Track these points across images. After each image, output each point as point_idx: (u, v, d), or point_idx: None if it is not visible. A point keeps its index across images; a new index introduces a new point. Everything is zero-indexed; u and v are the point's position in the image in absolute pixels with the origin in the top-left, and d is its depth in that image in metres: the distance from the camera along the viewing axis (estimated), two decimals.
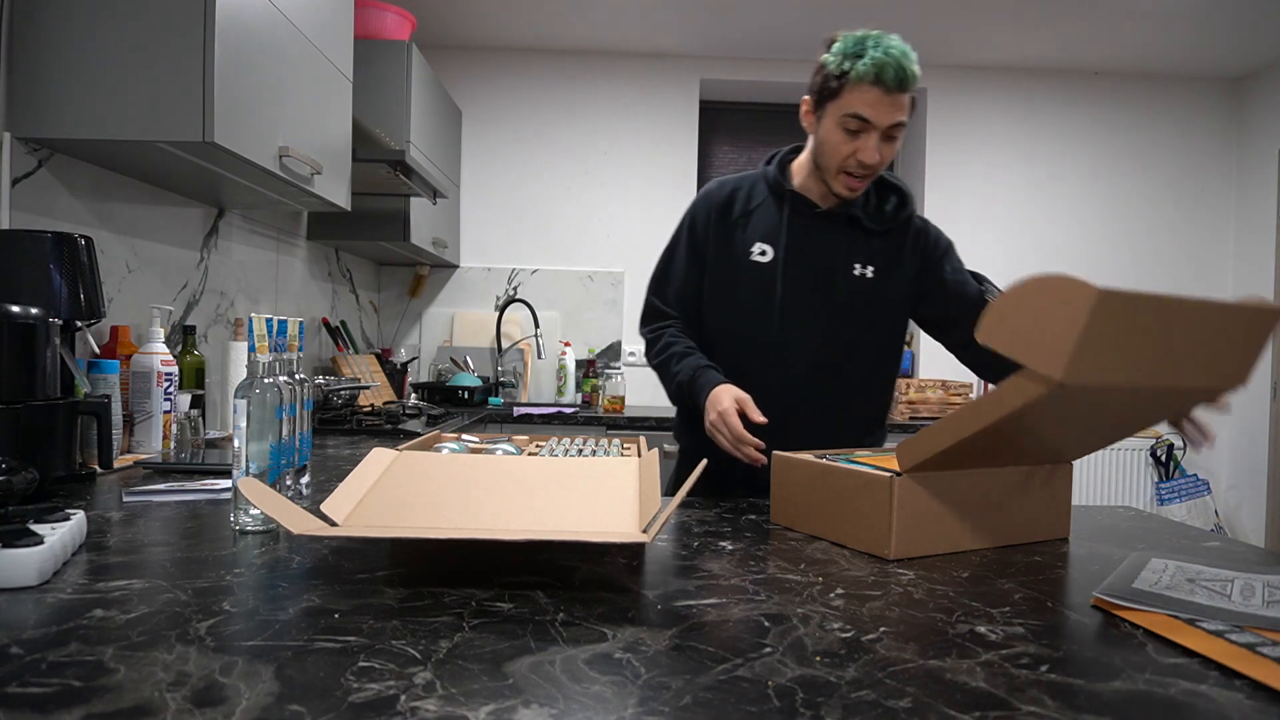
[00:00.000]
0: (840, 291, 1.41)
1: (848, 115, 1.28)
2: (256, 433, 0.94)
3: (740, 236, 1.44)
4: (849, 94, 1.28)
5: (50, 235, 1.35)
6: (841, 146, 1.31)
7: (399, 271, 3.67)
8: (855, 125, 1.29)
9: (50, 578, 0.74)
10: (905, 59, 1.26)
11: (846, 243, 1.42)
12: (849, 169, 1.33)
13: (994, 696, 0.54)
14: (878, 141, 1.29)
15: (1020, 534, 1.01)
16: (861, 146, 1.30)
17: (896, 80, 1.25)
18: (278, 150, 1.71)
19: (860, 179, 1.34)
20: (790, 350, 1.42)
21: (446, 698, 0.51)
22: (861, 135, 1.29)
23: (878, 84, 1.25)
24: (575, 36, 3.53)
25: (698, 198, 1.51)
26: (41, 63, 1.45)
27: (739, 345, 1.45)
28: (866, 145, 1.29)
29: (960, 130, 3.75)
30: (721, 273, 1.45)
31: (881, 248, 1.43)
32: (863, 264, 1.42)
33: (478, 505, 0.89)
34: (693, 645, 0.62)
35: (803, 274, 1.41)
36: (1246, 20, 3.18)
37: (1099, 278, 3.63)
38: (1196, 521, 3.53)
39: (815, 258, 1.42)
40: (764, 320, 1.42)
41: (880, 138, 1.29)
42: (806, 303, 1.41)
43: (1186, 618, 0.69)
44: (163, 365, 1.56)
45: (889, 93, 1.26)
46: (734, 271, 1.44)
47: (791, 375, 1.43)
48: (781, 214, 1.43)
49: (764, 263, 1.42)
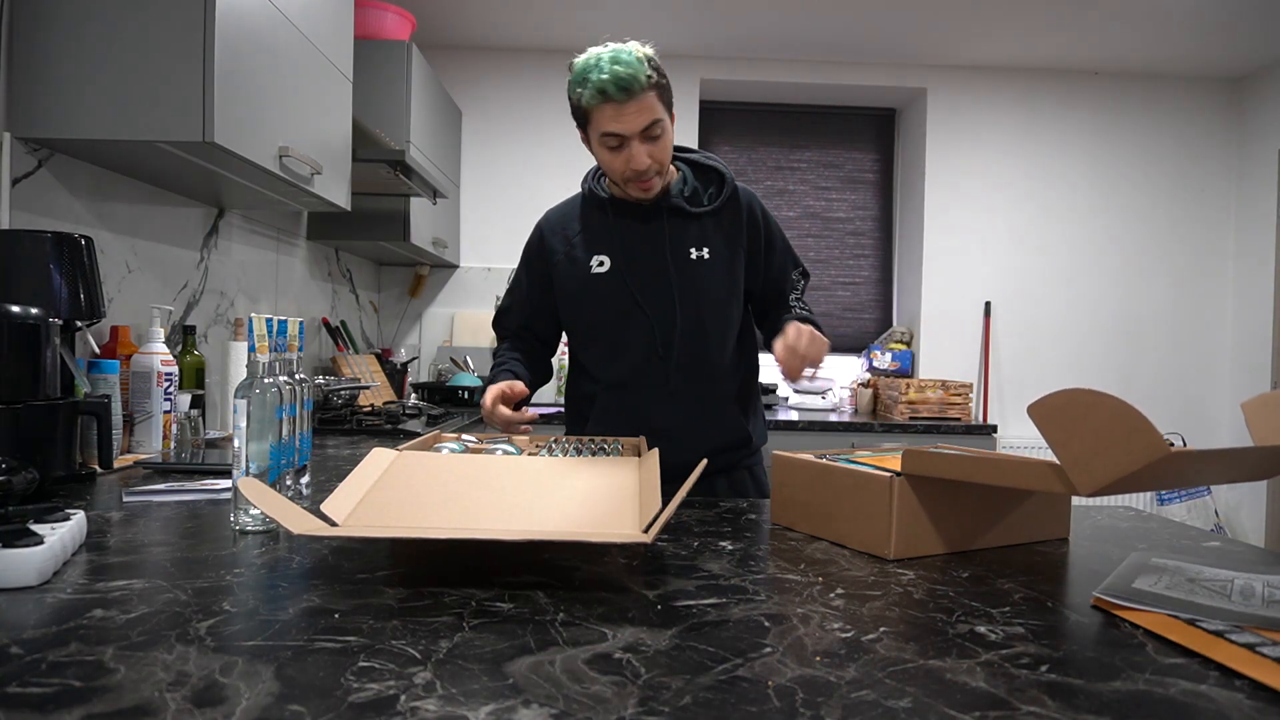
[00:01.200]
0: (682, 279, 1.43)
1: (602, 135, 1.34)
2: (256, 433, 0.94)
3: (579, 255, 1.48)
4: (594, 117, 1.33)
5: (50, 235, 1.35)
6: (613, 162, 1.36)
7: (399, 271, 3.67)
8: (613, 141, 1.34)
9: (50, 578, 0.74)
10: (623, 66, 1.28)
11: (675, 231, 1.45)
12: (629, 178, 1.37)
13: (994, 697, 0.54)
14: (639, 146, 1.33)
15: (1020, 534, 1.01)
16: (628, 156, 1.34)
17: (622, 90, 1.28)
18: (278, 150, 1.71)
19: (646, 180, 1.38)
20: (654, 349, 1.44)
21: (446, 698, 0.51)
22: (622, 148, 1.34)
23: (608, 101, 1.29)
24: (575, 36, 3.53)
25: (532, 233, 1.56)
26: (41, 63, 1.45)
27: (608, 358, 1.48)
28: (632, 154, 1.33)
29: (960, 130, 3.75)
30: (569, 293, 1.49)
31: (713, 227, 1.47)
32: (697, 248, 1.45)
33: (478, 505, 0.89)
34: (693, 645, 0.62)
35: (642, 272, 1.45)
36: (1247, 20, 3.19)
37: (1100, 277, 3.62)
38: (1196, 522, 3.53)
39: (650, 254, 1.45)
40: (622, 328, 1.45)
41: (641, 141, 1.33)
42: (654, 299, 1.43)
43: (1186, 618, 0.69)
44: (163, 365, 1.56)
45: (622, 104, 1.29)
46: (581, 290, 1.47)
47: (662, 373, 1.45)
48: (608, 222, 1.47)
49: (604, 273, 1.45)
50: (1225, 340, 3.82)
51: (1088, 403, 0.72)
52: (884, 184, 4.02)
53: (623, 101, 1.29)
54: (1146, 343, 3.80)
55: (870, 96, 3.89)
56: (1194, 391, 3.80)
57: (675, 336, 1.43)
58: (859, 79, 3.73)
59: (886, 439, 3.05)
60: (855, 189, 4.00)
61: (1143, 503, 3.63)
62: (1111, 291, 3.80)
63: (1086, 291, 3.79)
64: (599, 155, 1.38)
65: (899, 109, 4.01)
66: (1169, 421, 3.76)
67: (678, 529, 1.03)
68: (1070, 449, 0.74)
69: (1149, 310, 3.81)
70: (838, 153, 4.00)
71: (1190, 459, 0.73)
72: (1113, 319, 3.80)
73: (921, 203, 3.77)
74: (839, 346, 3.89)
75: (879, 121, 4.03)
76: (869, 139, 4.02)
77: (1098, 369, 3.78)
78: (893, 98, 3.91)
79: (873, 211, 4.01)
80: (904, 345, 3.74)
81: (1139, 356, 3.80)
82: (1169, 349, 3.81)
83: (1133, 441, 0.69)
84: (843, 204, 4.00)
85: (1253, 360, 3.66)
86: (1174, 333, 3.81)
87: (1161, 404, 3.77)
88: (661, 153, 1.36)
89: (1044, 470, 0.79)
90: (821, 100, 3.95)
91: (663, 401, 1.45)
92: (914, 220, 3.84)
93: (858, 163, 4.01)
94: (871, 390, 3.53)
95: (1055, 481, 0.78)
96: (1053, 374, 3.76)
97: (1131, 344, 3.80)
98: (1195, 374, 3.81)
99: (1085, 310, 3.79)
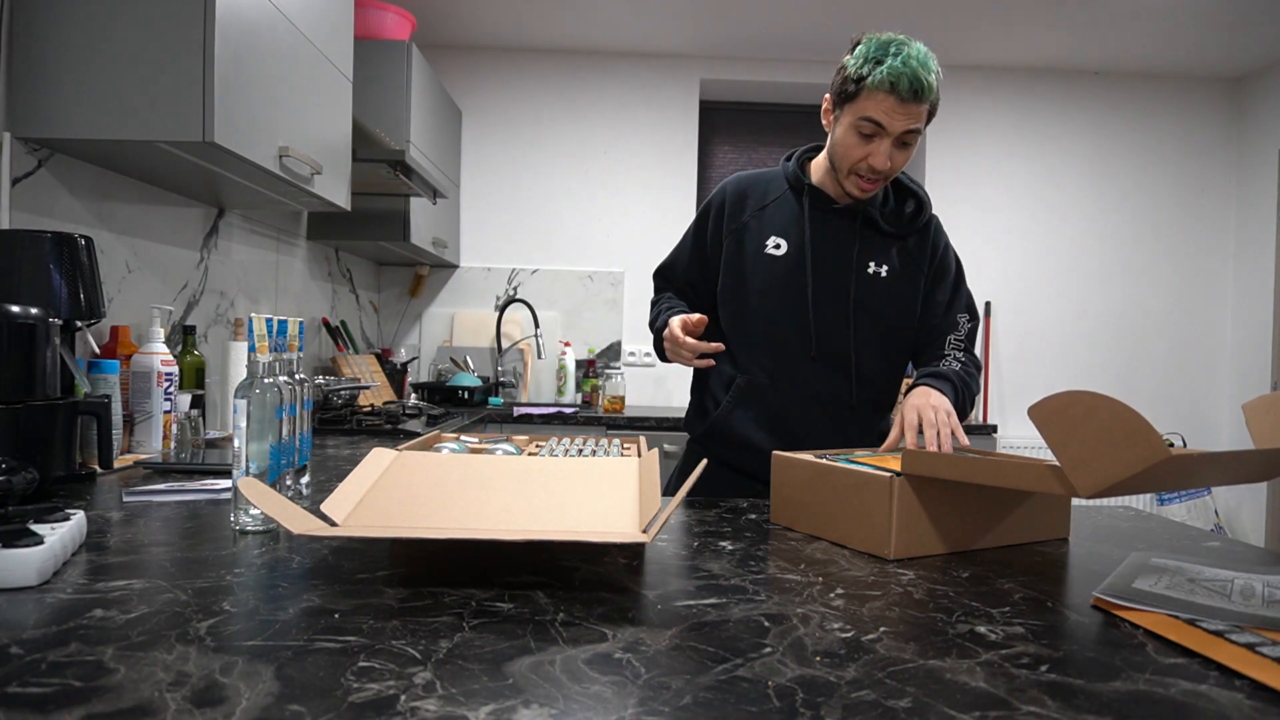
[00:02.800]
0: (853, 288, 1.41)
1: (862, 119, 1.30)
2: (256, 433, 0.94)
3: (756, 230, 1.46)
4: (865, 99, 1.29)
5: (50, 235, 1.35)
6: (855, 149, 1.33)
7: (399, 271, 3.67)
8: (869, 129, 1.30)
9: (50, 578, 0.74)
10: (923, 69, 1.26)
11: (862, 241, 1.43)
12: (860, 171, 1.34)
13: (994, 696, 0.54)
14: (890, 147, 1.31)
15: (1020, 534, 1.01)
16: (874, 151, 1.31)
17: (912, 91, 1.26)
18: (278, 150, 1.71)
19: (871, 182, 1.35)
20: (801, 343, 1.43)
21: (446, 698, 0.51)
22: (874, 140, 1.31)
23: (893, 93, 1.26)
24: (575, 36, 3.53)
25: (715, 191, 1.52)
26: (41, 62, 1.44)
27: (752, 337, 1.45)
28: (878, 150, 1.31)
29: (961, 130, 3.75)
30: (736, 265, 1.46)
31: (898, 250, 1.44)
32: (877, 263, 1.43)
33: (478, 505, 0.89)
34: (693, 645, 0.62)
35: (817, 268, 1.42)
36: (1247, 20, 3.18)
37: (1100, 277, 3.60)
38: (1196, 521, 3.53)
39: (831, 253, 1.42)
40: (777, 313, 1.43)
41: (893, 144, 1.31)
42: (820, 297, 1.41)
43: (1187, 618, 0.69)
44: (163, 365, 1.56)
45: (903, 102, 1.27)
46: (749, 264, 1.45)
47: (801, 368, 1.43)
48: (799, 208, 1.45)
49: (778, 255, 1.43)
50: (1225, 340, 3.82)
51: (1088, 405, 0.72)
52: None
53: (906, 101, 1.26)
54: (1147, 342, 3.80)
55: None
56: (1194, 392, 3.80)
57: (825, 337, 1.41)
58: None
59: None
60: None
61: (1143, 503, 3.62)
62: (1112, 291, 3.80)
63: (1087, 291, 3.79)
64: (844, 136, 1.34)
65: None
66: (1169, 422, 3.76)
67: (678, 529, 1.03)
68: (1070, 451, 0.74)
69: (1149, 310, 3.80)
70: None
71: (1190, 462, 0.73)
72: (1113, 318, 3.80)
73: None
74: None
75: None
76: None
77: (1098, 368, 3.78)
78: None
79: None
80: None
81: (1139, 356, 3.80)
82: (1169, 349, 3.81)
83: (1133, 444, 0.69)
84: None
85: (1253, 360, 3.66)
86: (1174, 332, 3.81)
87: (1161, 404, 3.77)
88: (902, 162, 1.35)
89: (1044, 472, 0.79)
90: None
91: (791, 390, 1.43)
92: None
93: None
94: None
95: (1055, 483, 0.78)
96: (1053, 374, 3.76)
97: (1132, 344, 3.80)
98: (1195, 374, 3.81)
99: (1085, 310, 3.79)
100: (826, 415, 1.44)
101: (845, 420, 1.45)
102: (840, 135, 1.35)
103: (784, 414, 1.43)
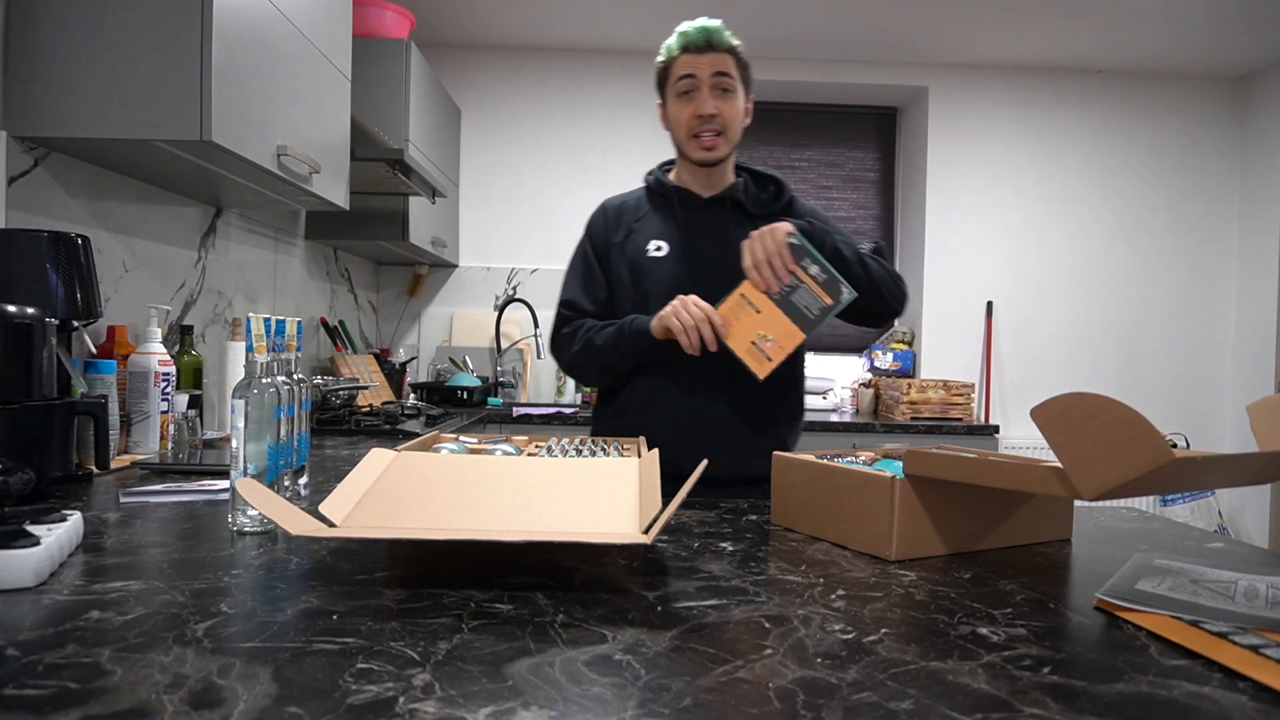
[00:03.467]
0: (737, 274, 1.43)
1: (676, 81, 1.47)
2: (254, 433, 0.93)
3: (636, 240, 1.55)
4: (673, 69, 1.48)
5: (47, 234, 1.35)
6: (682, 110, 1.48)
7: (398, 271, 3.67)
8: (685, 86, 1.46)
9: (47, 579, 0.73)
10: (710, 26, 1.44)
11: (735, 226, 1.50)
12: (695, 131, 1.47)
13: (996, 698, 0.54)
14: (709, 95, 1.45)
15: (1023, 535, 1.01)
16: (697, 102, 1.46)
17: (704, 39, 1.44)
18: (276, 149, 1.70)
19: (710, 135, 1.46)
20: None
21: (445, 699, 0.51)
22: (694, 94, 1.46)
23: (687, 49, 1.45)
24: (575, 35, 3.53)
25: (591, 216, 1.62)
26: (38, 61, 1.44)
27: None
28: (700, 99, 1.46)
29: (962, 129, 3.75)
30: (625, 275, 1.54)
31: None
32: None
33: (477, 506, 0.88)
34: (693, 647, 0.62)
35: (699, 260, 1.50)
36: (1250, 19, 3.18)
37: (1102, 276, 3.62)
38: (1200, 522, 3.53)
39: (708, 244, 1.52)
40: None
41: (711, 92, 1.45)
42: (707, 288, 1.44)
43: (1190, 619, 0.68)
44: (160, 365, 1.55)
45: (701, 52, 1.45)
46: (635, 270, 1.53)
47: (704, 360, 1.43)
48: (670, 209, 1.56)
49: (661, 256, 1.53)
50: (1228, 340, 3.81)
51: (1091, 407, 0.72)
52: (885, 183, 4.02)
53: (702, 50, 1.44)
54: (1149, 342, 3.80)
55: (871, 95, 3.89)
56: (1197, 392, 3.80)
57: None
58: (860, 77, 3.73)
59: (888, 439, 3.05)
60: (856, 188, 4.00)
61: (1146, 504, 3.62)
62: (1114, 291, 3.79)
63: (1089, 291, 3.79)
64: (673, 111, 1.50)
65: (900, 108, 4.01)
66: (1172, 422, 3.75)
67: (678, 530, 1.02)
68: (1073, 453, 0.74)
69: (1152, 310, 3.80)
70: (839, 151, 3.99)
71: (1194, 464, 0.73)
72: (1115, 318, 3.79)
73: (923, 202, 3.76)
74: (839, 347, 3.87)
75: (880, 120, 4.03)
76: (870, 138, 4.02)
77: (1100, 368, 3.78)
78: (894, 96, 3.90)
79: (874, 210, 4.01)
80: (905, 345, 3.74)
81: (1141, 356, 3.80)
82: (1172, 349, 3.80)
83: (1136, 447, 0.69)
84: (844, 203, 3.99)
85: (1257, 360, 3.66)
86: (1177, 332, 3.81)
87: (1164, 404, 3.77)
88: (729, 111, 1.47)
89: (1046, 474, 0.79)
90: (822, 99, 3.95)
91: (697, 385, 1.47)
92: (915, 219, 3.84)
93: (859, 162, 4.00)
94: (873, 390, 3.52)
95: (1057, 485, 0.77)
96: (1055, 374, 3.76)
97: (1134, 344, 3.80)
98: (1198, 374, 3.81)
99: (1088, 310, 3.79)
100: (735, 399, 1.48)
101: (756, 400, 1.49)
102: (671, 112, 1.51)
103: (692, 408, 1.48)
